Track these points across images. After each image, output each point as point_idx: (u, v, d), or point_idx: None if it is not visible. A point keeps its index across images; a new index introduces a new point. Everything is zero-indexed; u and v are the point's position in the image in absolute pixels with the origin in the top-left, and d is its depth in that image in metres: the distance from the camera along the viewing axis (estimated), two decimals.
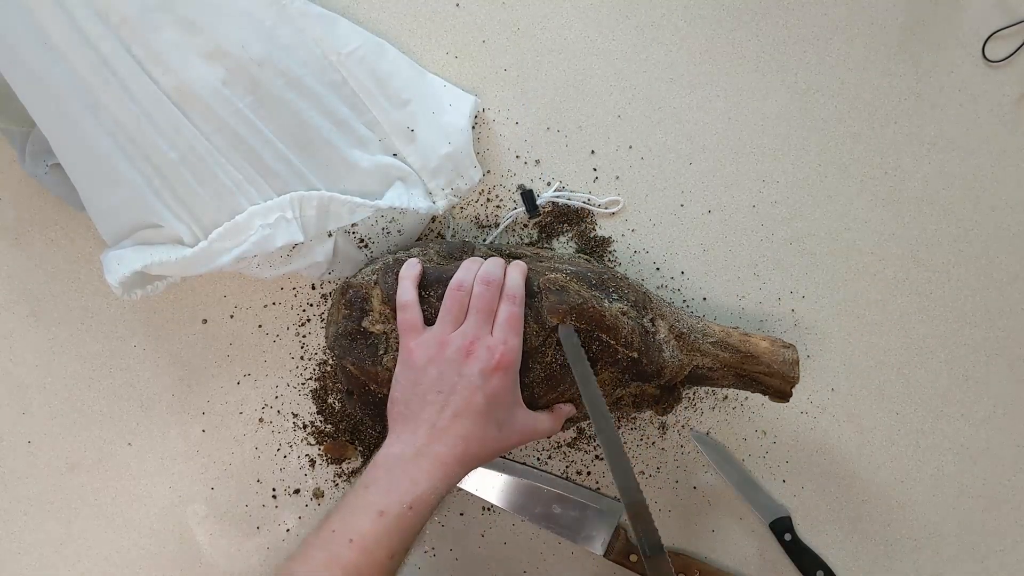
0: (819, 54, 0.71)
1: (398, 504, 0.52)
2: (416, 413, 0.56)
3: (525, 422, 0.58)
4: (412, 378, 0.56)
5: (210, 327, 0.71)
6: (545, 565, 0.72)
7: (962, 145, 0.72)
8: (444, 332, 0.57)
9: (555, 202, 0.71)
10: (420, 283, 0.59)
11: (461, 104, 0.68)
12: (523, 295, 0.58)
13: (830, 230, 0.72)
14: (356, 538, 0.51)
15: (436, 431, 0.55)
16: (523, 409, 0.58)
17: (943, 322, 0.72)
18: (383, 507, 0.52)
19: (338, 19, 0.65)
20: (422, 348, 0.57)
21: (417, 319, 0.58)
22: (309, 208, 0.62)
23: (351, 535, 0.52)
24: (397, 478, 0.53)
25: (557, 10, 0.71)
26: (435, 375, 0.56)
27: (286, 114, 0.62)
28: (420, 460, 0.54)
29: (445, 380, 0.55)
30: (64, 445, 0.71)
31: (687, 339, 0.62)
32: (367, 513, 0.52)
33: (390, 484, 0.53)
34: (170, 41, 0.59)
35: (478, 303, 0.57)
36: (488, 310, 0.57)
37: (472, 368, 0.55)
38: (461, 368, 0.55)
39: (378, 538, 0.52)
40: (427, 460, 0.54)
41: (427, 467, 0.54)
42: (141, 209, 0.61)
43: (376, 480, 0.54)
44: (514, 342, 0.57)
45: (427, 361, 0.56)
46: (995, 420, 0.72)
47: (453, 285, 0.58)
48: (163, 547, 0.72)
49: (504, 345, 0.56)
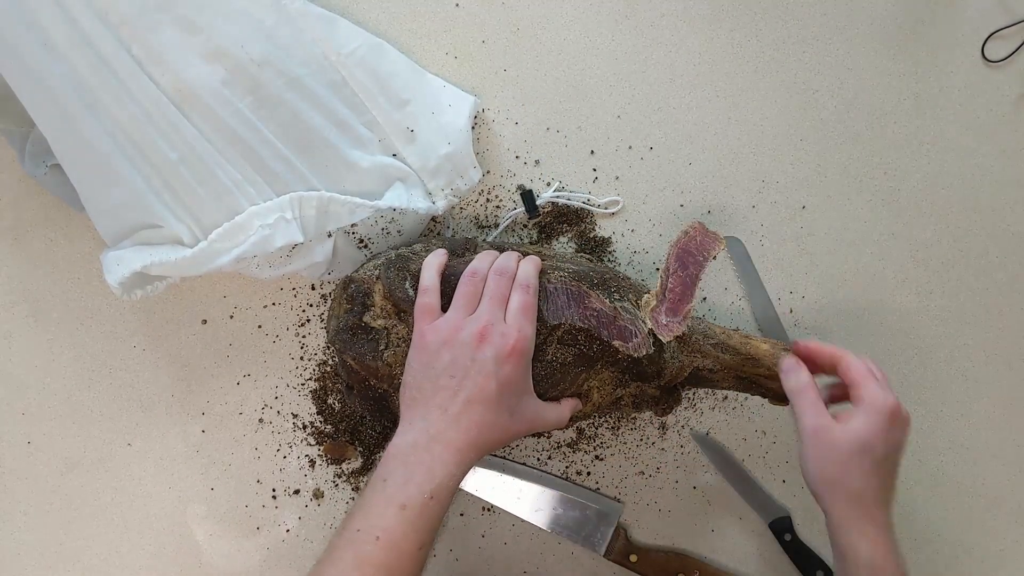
0: (819, 54, 0.71)
1: (419, 495, 0.52)
2: (428, 398, 0.55)
3: (535, 410, 0.58)
4: (425, 361, 0.56)
5: (210, 327, 0.71)
6: (545, 565, 0.72)
7: (962, 145, 0.72)
8: (458, 317, 0.57)
9: (555, 202, 0.71)
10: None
11: (461, 104, 0.68)
12: (536, 286, 0.58)
13: (830, 230, 0.72)
14: (382, 534, 0.51)
15: (449, 417, 0.54)
16: (533, 397, 0.58)
17: (943, 322, 0.72)
18: (404, 500, 0.52)
19: (338, 19, 0.65)
20: (435, 332, 0.56)
21: (435, 304, 0.57)
22: (309, 208, 0.62)
23: (376, 532, 0.51)
24: (413, 469, 0.53)
25: (557, 10, 0.71)
26: (448, 359, 0.55)
27: (286, 114, 0.62)
28: (434, 447, 0.54)
29: (458, 364, 0.55)
30: (64, 445, 0.71)
31: (687, 340, 0.62)
32: (389, 507, 0.52)
33: (407, 476, 0.53)
34: (170, 41, 0.59)
35: (492, 290, 0.57)
36: (502, 298, 0.57)
37: (486, 353, 0.55)
38: (475, 353, 0.55)
39: (404, 532, 0.51)
40: (441, 447, 0.54)
41: (441, 455, 0.53)
42: (141, 209, 0.61)
43: (393, 472, 0.53)
44: (528, 330, 0.57)
45: (440, 344, 0.56)
46: (995, 420, 0.72)
47: (468, 272, 0.58)
48: (163, 547, 0.72)
49: (519, 332, 0.56)
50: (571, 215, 0.71)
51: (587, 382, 0.61)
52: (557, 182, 0.71)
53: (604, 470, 0.72)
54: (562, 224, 0.71)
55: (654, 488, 0.72)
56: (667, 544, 0.72)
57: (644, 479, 0.72)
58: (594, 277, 0.61)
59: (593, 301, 0.59)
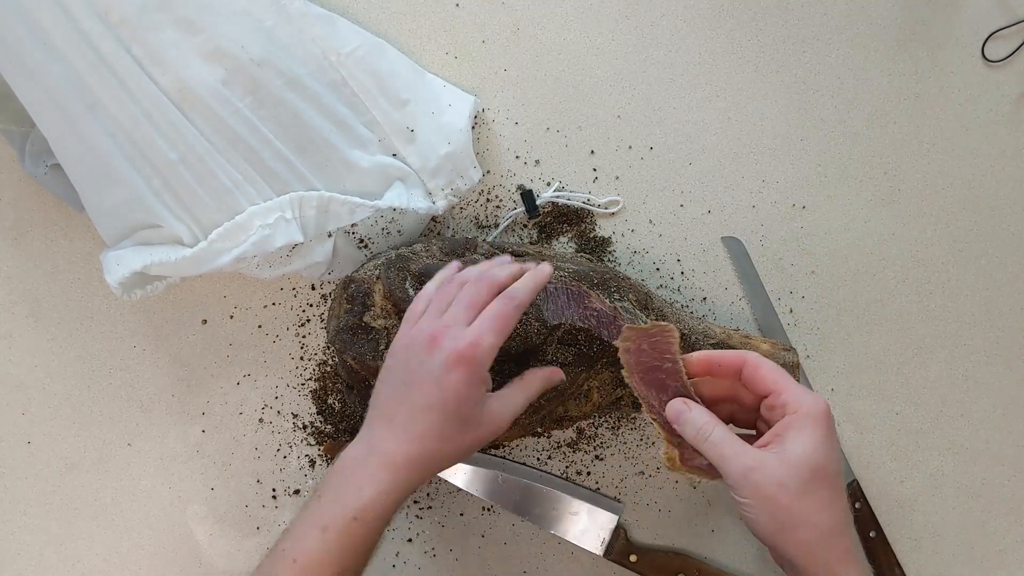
0: (819, 54, 0.71)
1: (341, 517, 0.48)
2: (381, 407, 0.52)
3: (492, 420, 0.52)
4: (388, 366, 0.53)
5: (210, 327, 0.71)
6: (545, 565, 0.72)
7: (962, 145, 0.72)
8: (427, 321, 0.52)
9: (555, 202, 0.71)
10: (420, 278, 0.59)
11: (461, 104, 0.68)
12: (525, 300, 0.52)
13: (830, 230, 0.72)
14: (299, 557, 0.48)
15: (393, 427, 0.50)
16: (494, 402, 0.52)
17: (943, 322, 0.72)
18: (326, 522, 0.48)
19: (338, 19, 0.65)
20: (403, 336, 0.53)
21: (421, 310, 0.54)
22: (309, 208, 0.62)
23: (295, 554, 0.48)
24: (345, 485, 0.49)
25: (557, 10, 0.71)
26: (402, 364, 0.51)
27: (286, 114, 0.62)
28: (369, 461, 0.50)
29: (408, 370, 0.51)
30: (64, 445, 0.71)
31: (688, 340, 0.62)
32: (312, 529, 0.49)
33: (338, 493, 0.49)
34: (169, 41, 0.59)
35: (464, 296, 0.52)
36: (472, 304, 0.52)
37: (434, 359, 0.49)
38: (423, 357, 0.50)
39: (321, 557, 0.48)
40: (375, 460, 0.49)
41: (373, 470, 0.49)
42: (141, 209, 0.61)
43: (328, 488, 0.50)
44: (487, 339, 0.50)
45: (401, 349, 0.52)
46: (995, 420, 0.72)
47: (448, 276, 0.55)
48: (163, 547, 0.72)
49: (473, 338, 0.49)
50: (571, 215, 0.71)
51: (587, 382, 0.61)
52: (557, 182, 0.71)
53: (604, 470, 0.72)
54: (562, 224, 0.71)
55: (654, 488, 0.72)
56: (667, 544, 0.72)
57: (644, 479, 0.72)
58: (594, 277, 0.61)
59: (593, 301, 0.59)
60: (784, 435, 0.47)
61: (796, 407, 0.48)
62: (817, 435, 0.47)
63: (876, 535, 0.70)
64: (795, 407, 0.48)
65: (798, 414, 0.48)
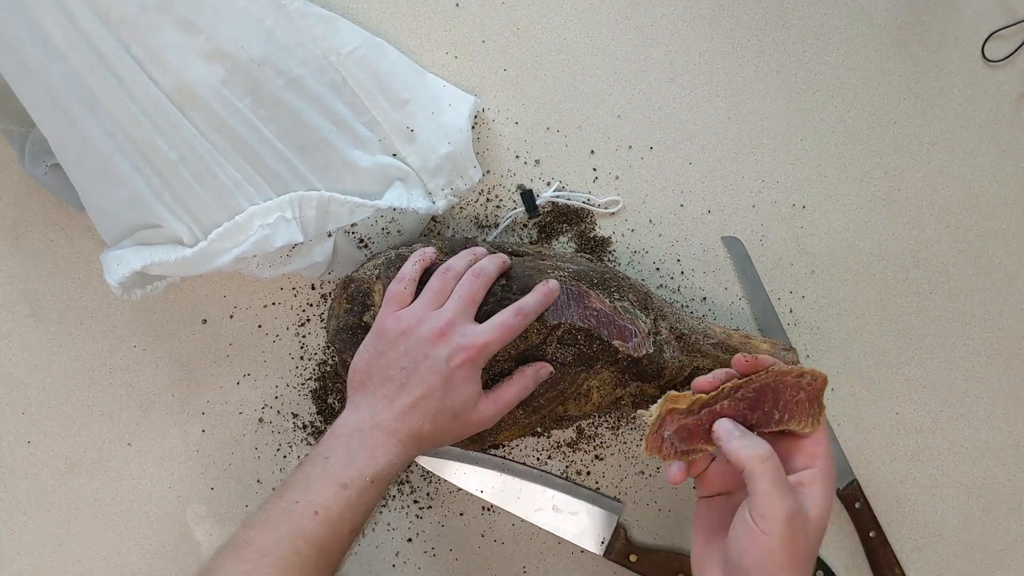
0: (819, 54, 0.71)
1: (359, 478, 0.52)
2: (377, 385, 0.55)
3: (478, 417, 0.57)
4: (380, 348, 0.56)
5: (210, 327, 0.71)
6: (545, 565, 0.72)
7: (962, 145, 0.72)
8: (422, 310, 0.56)
9: (555, 202, 0.71)
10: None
11: (461, 104, 0.68)
12: (532, 316, 0.57)
13: (830, 230, 0.72)
14: (321, 510, 0.51)
15: (395, 408, 0.54)
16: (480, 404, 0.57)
17: (943, 322, 0.72)
18: (346, 480, 0.52)
19: (338, 19, 0.65)
20: (396, 321, 0.56)
21: (407, 294, 0.57)
22: (309, 208, 0.62)
23: (315, 507, 0.51)
24: (355, 451, 0.53)
25: (557, 10, 0.71)
26: (402, 350, 0.55)
27: (286, 114, 0.62)
28: (377, 434, 0.54)
29: (410, 357, 0.55)
30: (64, 445, 0.71)
31: (688, 340, 0.62)
32: (329, 485, 0.52)
33: (349, 457, 0.53)
34: (169, 41, 0.59)
35: (463, 290, 0.57)
36: (471, 299, 0.57)
37: (440, 351, 0.54)
38: (429, 349, 0.55)
39: (342, 512, 0.51)
40: (384, 434, 0.54)
41: (385, 442, 0.53)
42: (141, 209, 0.61)
43: (335, 451, 0.53)
44: (493, 346, 0.55)
45: (398, 334, 0.56)
46: (995, 420, 0.72)
47: (442, 268, 0.58)
48: (163, 547, 0.72)
49: (485, 340, 0.55)
50: (571, 215, 0.71)
51: (587, 382, 0.61)
52: (557, 182, 0.71)
53: (604, 470, 0.72)
54: (562, 224, 0.71)
55: (654, 488, 0.72)
56: (667, 544, 0.72)
57: (644, 479, 0.72)
58: (594, 277, 0.61)
59: (593, 301, 0.59)
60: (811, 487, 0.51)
61: (826, 462, 0.52)
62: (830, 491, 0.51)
63: (876, 535, 0.70)
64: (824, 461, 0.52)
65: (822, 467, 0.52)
